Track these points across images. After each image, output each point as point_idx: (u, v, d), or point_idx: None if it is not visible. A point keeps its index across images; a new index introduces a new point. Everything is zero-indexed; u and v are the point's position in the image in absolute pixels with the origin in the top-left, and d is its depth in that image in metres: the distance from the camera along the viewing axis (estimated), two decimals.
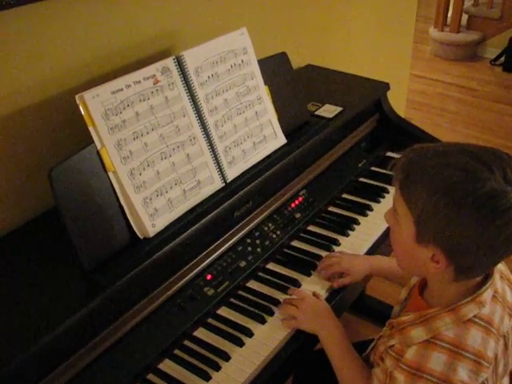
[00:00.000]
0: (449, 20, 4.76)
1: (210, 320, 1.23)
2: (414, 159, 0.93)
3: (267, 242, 1.39)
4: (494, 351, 0.93)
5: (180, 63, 1.25)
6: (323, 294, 1.29)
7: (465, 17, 4.72)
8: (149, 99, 1.19)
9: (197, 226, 1.21)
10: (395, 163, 0.96)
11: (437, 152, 0.92)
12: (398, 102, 2.54)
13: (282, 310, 1.23)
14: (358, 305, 2.20)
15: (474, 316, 0.93)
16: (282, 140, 1.47)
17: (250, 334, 1.19)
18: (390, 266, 1.31)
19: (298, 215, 1.49)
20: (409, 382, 0.92)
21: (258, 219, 1.41)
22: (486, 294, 0.95)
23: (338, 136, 1.67)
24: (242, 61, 1.38)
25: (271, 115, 1.45)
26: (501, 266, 1.02)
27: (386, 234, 1.49)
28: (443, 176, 0.87)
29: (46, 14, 1.20)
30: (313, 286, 1.31)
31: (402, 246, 0.99)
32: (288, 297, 1.27)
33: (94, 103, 1.09)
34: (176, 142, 1.23)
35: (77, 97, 1.08)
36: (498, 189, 0.84)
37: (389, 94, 1.84)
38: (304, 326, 1.19)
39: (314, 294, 1.26)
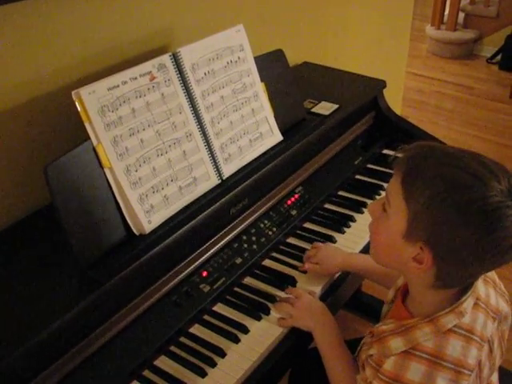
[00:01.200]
0: (445, 18, 4.77)
1: (205, 317, 1.23)
2: (421, 155, 0.91)
3: (263, 239, 1.39)
4: (476, 358, 0.92)
5: (176, 60, 1.25)
6: (318, 291, 1.29)
7: (461, 15, 4.73)
8: (145, 96, 1.19)
9: (193, 222, 1.21)
10: (398, 156, 0.94)
11: (446, 153, 0.90)
12: (395, 100, 2.54)
13: (278, 308, 1.23)
14: (354, 302, 2.21)
15: (454, 326, 0.92)
16: (278, 137, 1.47)
17: (245, 330, 1.19)
18: (364, 264, 1.30)
19: (294, 212, 1.49)
20: None
21: (254, 216, 1.41)
22: (466, 304, 0.93)
23: (335, 133, 1.67)
24: (239, 58, 1.38)
25: (267, 112, 1.45)
26: None
27: None
28: (452, 177, 0.85)
29: (42, 10, 1.19)
30: (309, 284, 1.31)
31: (386, 239, 0.96)
32: (284, 295, 1.28)
33: (90, 99, 1.09)
34: (172, 139, 1.23)
35: (73, 93, 1.08)
36: (504, 201, 0.83)
37: (385, 91, 1.85)
38: (299, 323, 1.19)
39: (310, 293, 1.27)
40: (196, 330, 1.20)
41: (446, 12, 4.76)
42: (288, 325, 1.20)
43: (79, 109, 1.08)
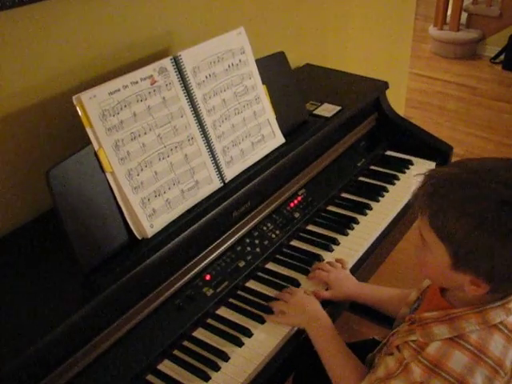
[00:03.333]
0: (448, 18, 4.75)
1: (209, 320, 1.23)
2: (440, 191, 0.91)
3: (266, 242, 1.39)
4: (511, 360, 0.92)
5: (177, 63, 1.25)
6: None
7: (464, 15, 4.72)
8: (146, 100, 1.18)
9: (195, 226, 1.21)
10: (417, 192, 0.95)
11: (464, 181, 0.90)
12: (398, 101, 2.54)
13: (272, 306, 1.23)
14: (359, 304, 2.19)
15: (500, 322, 0.92)
16: (280, 139, 1.46)
17: (249, 334, 1.18)
18: (373, 296, 1.31)
19: (297, 215, 1.49)
20: (425, 376, 0.92)
21: (257, 219, 1.41)
22: None
23: (337, 135, 1.67)
24: (240, 60, 1.38)
25: (269, 115, 1.45)
26: None
27: (385, 234, 1.49)
28: (481, 209, 0.86)
29: (43, 15, 1.20)
30: (312, 286, 1.31)
31: (435, 270, 0.97)
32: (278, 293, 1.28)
33: (91, 104, 1.09)
34: (174, 143, 1.23)
35: (74, 98, 1.08)
36: None
37: (388, 92, 1.84)
38: (292, 320, 1.20)
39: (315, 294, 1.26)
40: (199, 333, 1.20)
41: (449, 12, 4.75)
42: (281, 322, 1.20)
43: (80, 113, 1.08)
